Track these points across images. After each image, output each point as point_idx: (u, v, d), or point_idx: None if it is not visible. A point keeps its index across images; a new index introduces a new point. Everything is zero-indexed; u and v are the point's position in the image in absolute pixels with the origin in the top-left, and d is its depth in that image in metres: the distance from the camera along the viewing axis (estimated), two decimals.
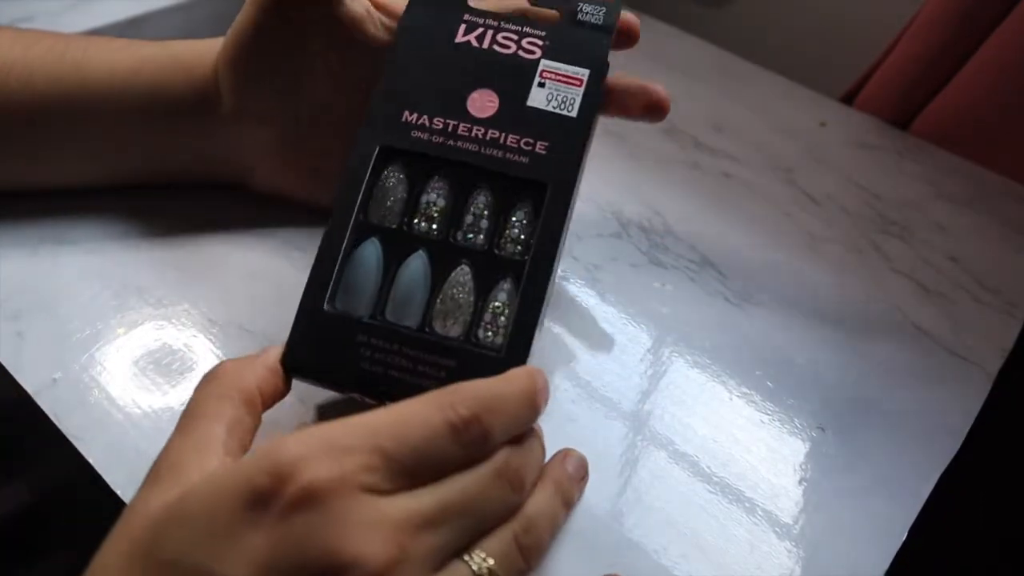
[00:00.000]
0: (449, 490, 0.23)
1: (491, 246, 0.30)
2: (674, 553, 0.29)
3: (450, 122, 0.31)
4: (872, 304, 0.41)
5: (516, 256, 0.30)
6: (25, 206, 0.38)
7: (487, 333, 0.29)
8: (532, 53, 0.32)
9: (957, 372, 0.38)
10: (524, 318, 0.29)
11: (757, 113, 0.54)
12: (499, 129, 0.31)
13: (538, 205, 0.30)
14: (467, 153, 0.31)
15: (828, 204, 0.47)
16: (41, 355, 0.33)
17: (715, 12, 0.71)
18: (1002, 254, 0.45)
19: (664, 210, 0.45)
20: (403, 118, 0.31)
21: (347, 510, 0.21)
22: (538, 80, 0.32)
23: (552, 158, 0.30)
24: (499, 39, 0.32)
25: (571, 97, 0.31)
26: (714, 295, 0.40)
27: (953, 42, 0.51)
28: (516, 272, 0.30)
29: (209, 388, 0.26)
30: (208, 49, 0.36)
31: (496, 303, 0.29)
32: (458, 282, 0.30)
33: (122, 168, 0.38)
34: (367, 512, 0.21)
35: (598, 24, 0.33)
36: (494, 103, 0.31)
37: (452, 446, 0.23)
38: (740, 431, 0.34)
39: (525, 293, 0.29)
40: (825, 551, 0.30)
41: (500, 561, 0.24)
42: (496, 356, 0.28)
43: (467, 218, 0.31)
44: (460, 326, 0.29)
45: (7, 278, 0.35)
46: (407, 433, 0.22)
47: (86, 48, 0.36)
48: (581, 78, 0.32)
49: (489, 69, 0.32)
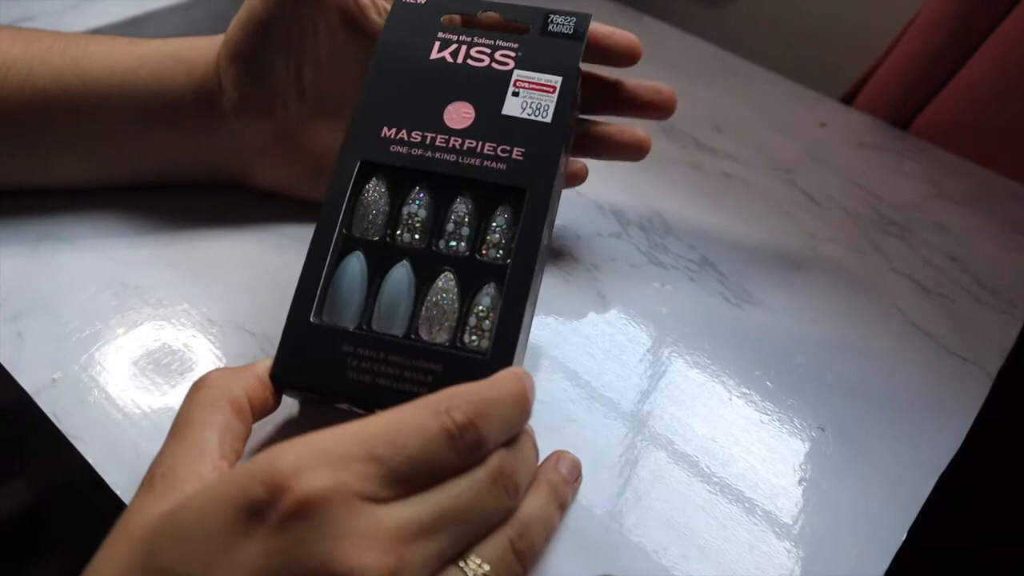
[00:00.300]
0: (445, 497, 0.23)
1: (473, 252, 0.31)
2: (674, 553, 0.29)
3: (428, 135, 0.32)
4: (872, 304, 0.41)
5: (498, 260, 0.31)
6: (24, 206, 0.38)
7: (472, 337, 0.29)
8: (505, 64, 0.33)
9: (957, 372, 0.38)
10: (508, 320, 0.29)
11: (757, 113, 0.54)
12: (476, 139, 0.32)
13: (517, 210, 0.31)
14: (445, 164, 0.31)
15: (828, 204, 0.47)
16: (41, 355, 0.33)
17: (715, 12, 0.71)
18: (1002, 254, 0.45)
19: (664, 210, 0.45)
20: (382, 133, 0.32)
21: (343, 520, 0.21)
22: (512, 89, 0.33)
23: (529, 163, 0.31)
24: (473, 53, 0.33)
25: (545, 104, 0.32)
26: (714, 295, 0.40)
27: (953, 42, 0.51)
28: (499, 276, 0.30)
29: (199, 397, 0.26)
30: (209, 46, 0.36)
31: (480, 307, 0.30)
32: (442, 289, 0.30)
33: (122, 166, 0.38)
34: (363, 522, 0.21)
35: (568, 34, 0.33)
36: (470, 114, 0.32)
37: (448, 452, 0.23)
38: (740, 431, 0.34)
39: (508, 296, 0.29)
40: (825, 551, 0.30)
41: (496, 566, 0.23)
42: (482, 359, 0.28)
43: (448, 226, 0.31)
44: (446, 332, 0.30)
45: (7, 278, 0.35)
46: (402, 441, 0.22)
47: (86, 46, 0.36)
48: (554, 85, 0.32)
49: (464, 82, 0.33)
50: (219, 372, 0.27)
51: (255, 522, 0.20)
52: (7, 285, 0.35)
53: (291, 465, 0.21)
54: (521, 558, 0.25)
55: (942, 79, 0.53)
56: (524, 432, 0.26)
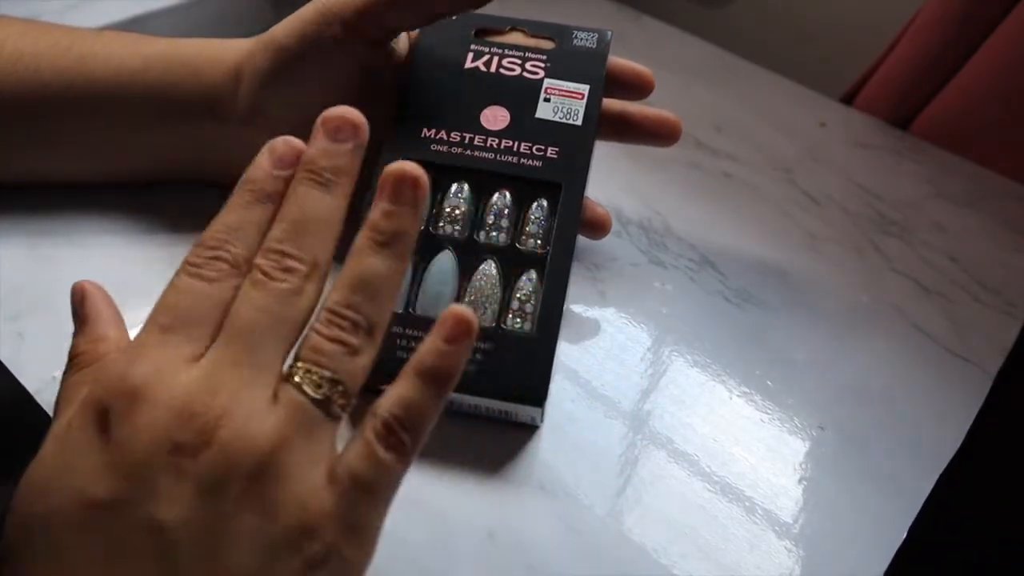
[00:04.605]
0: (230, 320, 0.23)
1: (513, 242, 0.34)
2: (674, 553, 0.29)
3: (467, 135, 0.34)
4: (872, 304, 0.41)
5: (536, 249, 0.33)
6: (25, 204, 0.38)
7: (516, 320, 0.32)
8: (536, 74, 0.36)
9: (957, 372, 0.38)
10: (550, 303, 0.31)
11: (757, 113, 0.54)
12: (512, 139, 0.34)
13: (552, 203, 0.33)
14: (484, 161, 0.34)
15: (828, 204, 0.47)
16: (41, 354, 0.33)
17: (715, 12, 0.71)
18: (1002, 254, 0.45)
19: (664, 210, 0.45)
20: (422, 134, 0.34)
21: (163, 388, 0.21)
22: (544, 96, 0.35)
23: (563, 161, 0.34)
24: (504, 63, 0.36)
25: (575, 109, 0.35)
26: (714, 295, 0.40)
27: (953, 42, 0.51)
28: (537, 264, 0.33)
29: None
30: (217, 52, 0.35)
31: (521, 293, 0.32)
32: (485, 274, 0.33)
33: (124, 163, 0.38)
34: (180, 379, 0.22)
35: (592, 48, 0.36)
36: (506, 117, 0.35)
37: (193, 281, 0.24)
38: (740, 430, 0.34)
39: (549, 280, 0.32)
40: (825, 551, 0.30)
41: (316, 360, 0.22)
42: (528, 336, 0.31)
43: (488, 218, 0.34)
44: (490, 315, 0.32)
45: (7, 277, 0.35)
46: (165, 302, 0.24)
47: (92, 43, 0.36)
48: (582, 92, 0.35)
49: (498, 88, 0.36)
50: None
51: (103, 427, 0.21)
52: (7, 284, 0.35)
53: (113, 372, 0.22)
54: (346, 334, 0.23)
55: (942, 79, 0.53)
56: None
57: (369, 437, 0.22)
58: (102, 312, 0.26)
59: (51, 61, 0.35)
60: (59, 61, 0.35)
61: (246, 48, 0.35)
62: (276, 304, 0.23)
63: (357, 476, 0.22)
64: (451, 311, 0.23)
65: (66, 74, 0.35)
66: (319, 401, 0.22)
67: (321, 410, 0.22)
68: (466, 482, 0.31)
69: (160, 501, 0.20)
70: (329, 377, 0.22)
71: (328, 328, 0.23)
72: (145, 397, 0.21)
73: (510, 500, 0.30)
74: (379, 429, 0.22)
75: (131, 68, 0.35)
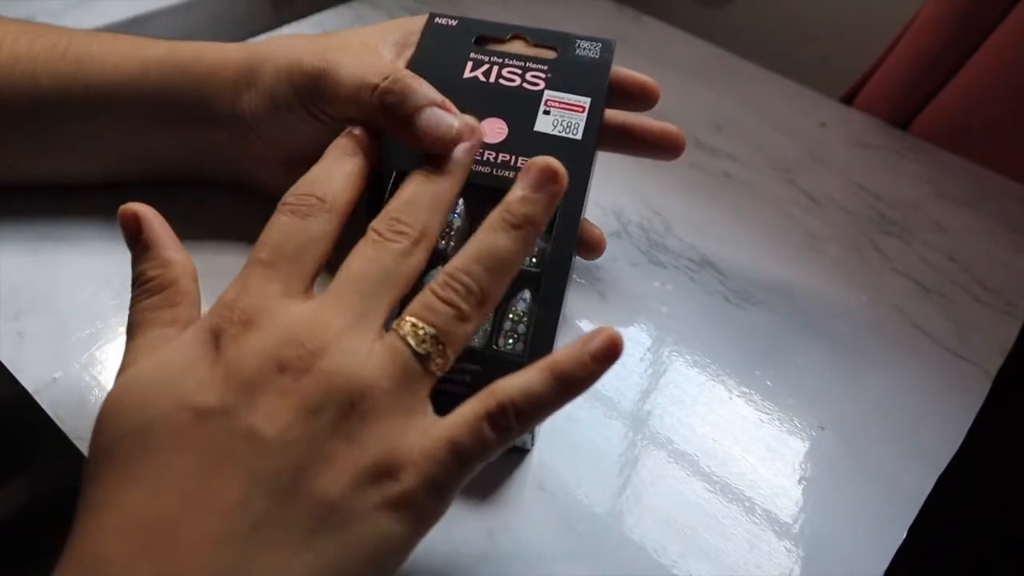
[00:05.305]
0: (345, 270, 0.25)
1: None
2: (673, 552, 0.29)
3: None
4: (872, 304, 0.41)
5: (532, 268, 0.32)
6: (25, 205, 0.38)
7: (508, 341, 0.30)
8: (536, 85, 0.35)
9: (957, 372, 0.38)
10: (543, 325, 0.30)
11: (757, 113, 0.54)
12: (509, 152, 0.33)
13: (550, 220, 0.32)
14: (480, 175, 0.33)
15: (828, 204, 0.47)
16: (41, 354, 0.33)
17: (715, 12, 0.71)
18: (1002, 254, 0.45)
19: (664, 210, 0.45)
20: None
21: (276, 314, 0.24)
22: (543, 108, 0.34)
23: None
24: (504, 73, 0.35)
25: (575, 122, 0.34)
26: (714, 295, 0.40)
27: (953, 42, 0.51)
28: (531, 283, 0.31)
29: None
30: (216, 59, 0.35)
31: (513, 314, 0.31)
32: None
33: (124, 167, 0.38)
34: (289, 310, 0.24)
35: (595, 58, 0.35)
36: (503, 130, 0.34)
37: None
38: (740, 431, 0.34)
39: (544, 302, 0.30)
40: (825, 551, 0.30)
41: (424, 317, 0.24)
42: (519, 360, 0.29)
43: None
44: (482, 335, 0.31)
45: (7, 278, 0.35)
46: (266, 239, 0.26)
47: (89, 46, 0.35)
48: (583, 105, 0.34)
49: (497, 100, 0.34)
50: None
51: (215, 346, 0.23)
52: (8, 284, 0.35)
53: (231, 300, 0.24)
54: (458, 297, 0.24)
55: (942, 79, 0.53)
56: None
57: (480, 411, 0.23)
58: (161, 235, 0.28)
59: (47, 65, 0.35)
60: (56, 65, 0.35)
61: (246, 59, 0.35)
62: (387, 258, 0.25)
63: (455, 441, 0.23)
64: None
65: (63, 79, 0.35)
66: (420, 355, 0.23)
67: (420, 364, 0.23)
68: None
69: (261, 414, 0.22)
70: (433, 334, 0.24)
71: (443, 289, 0.24)
72: (257, 324, 0.23)
73: (510, 500, 0.30)
74: (492, 408, 0.23)
75: (128, 74, 0.35)
